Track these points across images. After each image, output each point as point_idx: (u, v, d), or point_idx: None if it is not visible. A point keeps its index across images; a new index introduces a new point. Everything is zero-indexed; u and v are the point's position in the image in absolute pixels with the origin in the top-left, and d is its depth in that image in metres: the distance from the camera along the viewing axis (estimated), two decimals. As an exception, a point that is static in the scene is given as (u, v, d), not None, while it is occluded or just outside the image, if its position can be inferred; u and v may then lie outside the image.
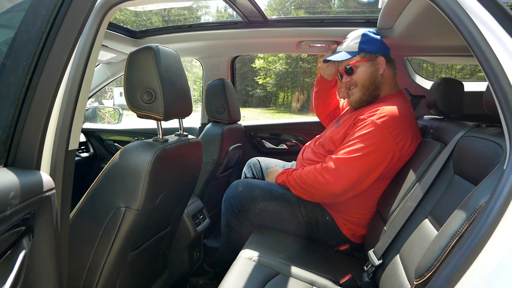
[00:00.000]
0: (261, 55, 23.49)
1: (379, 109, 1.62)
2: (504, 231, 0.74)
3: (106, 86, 2.74)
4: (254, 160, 2.27)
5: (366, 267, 1.41)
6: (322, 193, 1.63)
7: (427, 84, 2.34)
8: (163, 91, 1.22)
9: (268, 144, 2.68)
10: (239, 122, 2.41)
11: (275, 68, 24.43)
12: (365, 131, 1.58)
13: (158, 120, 1.27)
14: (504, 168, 0.80)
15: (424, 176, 1.36)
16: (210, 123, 2.19)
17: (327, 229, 1.76)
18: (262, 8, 2.06)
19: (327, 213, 1.76)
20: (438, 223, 1.08)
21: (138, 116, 1.30)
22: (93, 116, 3.03)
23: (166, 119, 1.27)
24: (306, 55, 22.32)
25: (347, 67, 1.79)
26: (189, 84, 1.47)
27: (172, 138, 1.39)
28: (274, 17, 2.17)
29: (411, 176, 1.48)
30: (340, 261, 1.67)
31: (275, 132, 2.67)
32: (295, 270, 1.44)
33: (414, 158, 1.60)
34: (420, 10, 1.51)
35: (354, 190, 1.63)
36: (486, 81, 0.88)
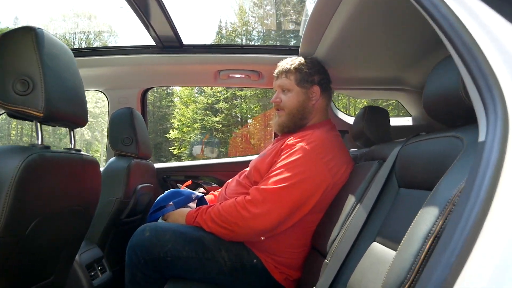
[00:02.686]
0: (175, 125, 23.33)
1: (307, 135, 1.50)
2: (502, 205, 0.56)
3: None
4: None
5: None
6: (248, 230, 1.40)
7: (350, 120, 2.30)
8: (45, 81, 0.95)
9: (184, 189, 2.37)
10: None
11: (190, 138, 24.40)
12: (294, 157, 1.43)
13: (36, 118, 0.96)
14: (484, 139, 0.65)
15: (364, 197, 1.22)
16: (114, 157, 1.86)
17: (256, 275, 1.48)
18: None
19: (254, 255, 1.49)
20: (391, 240, 0.94)
21: (10, 115, 0.99)
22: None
23: (47, 120, 0.97)
24: (221, 126, 22.64)
25: (281, 86, 1.67)
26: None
27: (57, 150, 1.07)
28: (191, 42, 2.00)
29: (350, 199, 1.33)
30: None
31: (192, 174, 2.38)
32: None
33: (349, 183, 1.47)
34: (336, 35, 1.50)
35: (285, 224, 1.42)
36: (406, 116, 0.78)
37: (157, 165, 2.29)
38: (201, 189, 2.29)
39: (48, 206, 0.98)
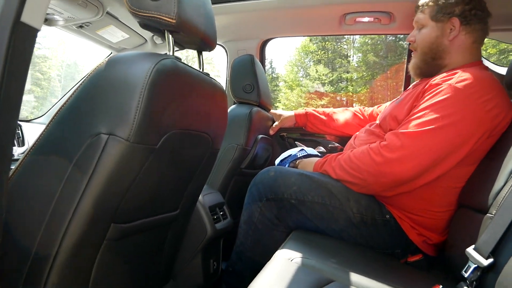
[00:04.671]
0: (281, 109, 23.58)
1: (457, 73, 1.22)
2: None
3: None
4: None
5: (465, 272, 0.93)
6: (381, 178, 1.20)
7: (497, 69, 1.92)
8: None
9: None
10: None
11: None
12: (441, 97, 1.18)
13: (167, 26, 0.89)
14: None
15: None
16: (235, 104, 1.79)
17: (388, 232, 1.29)
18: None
19: (387, 210, 1.29)
20: None
21: (142, 25, 0.93)
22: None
23: (179, 29, 0.89)
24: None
25: (416, 22, 1.44)
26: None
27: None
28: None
29: None
30: (413, 272, 1.19)
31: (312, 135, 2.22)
32: (357, 278, 0.96)
33: None
34: None
35: (427, 176, 1.19)
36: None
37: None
38: (321, 148, 2.13)
39: (177, 121, 0.90)
